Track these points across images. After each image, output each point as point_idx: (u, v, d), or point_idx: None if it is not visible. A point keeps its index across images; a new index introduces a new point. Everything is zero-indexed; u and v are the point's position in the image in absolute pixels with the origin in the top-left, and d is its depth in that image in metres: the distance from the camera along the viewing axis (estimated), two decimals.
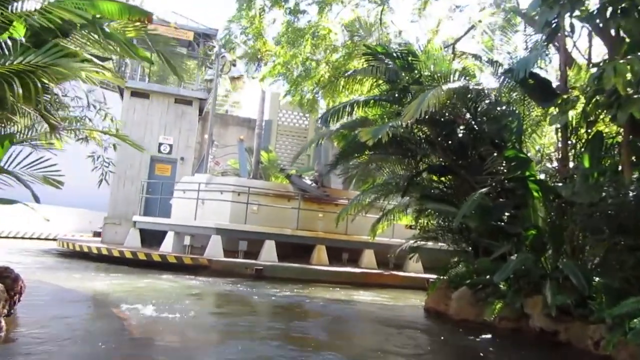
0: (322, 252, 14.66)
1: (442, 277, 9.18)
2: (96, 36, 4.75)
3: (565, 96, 6.54)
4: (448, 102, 7.38)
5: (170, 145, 17.84)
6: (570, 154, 7.46)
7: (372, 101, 8.52)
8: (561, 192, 6.64)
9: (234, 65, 16.42)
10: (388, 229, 13.05)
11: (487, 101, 7.90)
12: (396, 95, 8.24)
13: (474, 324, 7.17)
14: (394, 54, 8.09)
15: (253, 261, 13.32)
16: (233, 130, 23.45)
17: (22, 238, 20.55)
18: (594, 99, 6.14)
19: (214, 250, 13.80)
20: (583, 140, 7.15)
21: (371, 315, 8.30)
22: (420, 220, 10.10)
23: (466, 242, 8.66)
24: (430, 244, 9.92)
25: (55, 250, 15.84)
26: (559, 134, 7.52)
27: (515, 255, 6.41)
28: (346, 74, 8.69)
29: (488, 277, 7.38)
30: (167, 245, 14.52)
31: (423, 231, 9.65)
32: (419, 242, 9.66)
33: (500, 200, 7.46)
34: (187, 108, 18.04)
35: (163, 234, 14.88)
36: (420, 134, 8.44)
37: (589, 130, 7.06)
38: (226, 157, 20.06)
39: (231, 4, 14.59)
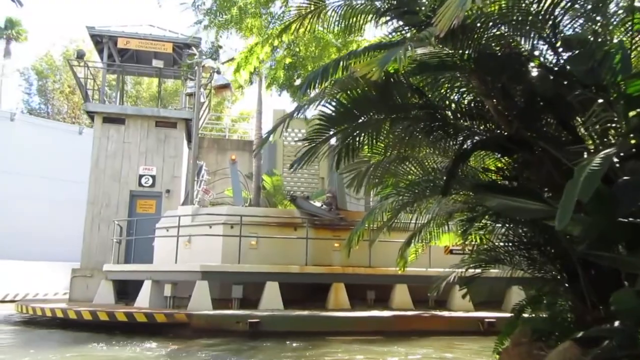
0: (340, 293, 11.35)
1: (515, 322, 5.79)
2: None
3: None
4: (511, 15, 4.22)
5: (153, 177, 15.00)
6: None
7: (375, 52, 5.38)
8: None
9: (218, 72, 13.66)
10: (424, 254, 9.73)
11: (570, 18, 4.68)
12: (414, 36, 5.10)
13: None
14: None
15: (247, 312, 10.08)
16: None
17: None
18: None
19: (200, 300, 10.66)
20: None
21: None
22: (470, 237, 6.81)
23: (553, 262, 5.29)
24: (478, 270, 6.61)
25: (18, 315, 12.86)
26: None
27: None
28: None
29: (618, 323, 3.99)
30: (144, 299, 11.44)
31: (478, 252, 6.31)
32: (471, 269, 6.32)
33: (624, 178, 4.12)
34: (170, 131, 15.28)
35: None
36: (462, 92, 5.20)
37: None
38: (222, 186, 17.10)
39: None
